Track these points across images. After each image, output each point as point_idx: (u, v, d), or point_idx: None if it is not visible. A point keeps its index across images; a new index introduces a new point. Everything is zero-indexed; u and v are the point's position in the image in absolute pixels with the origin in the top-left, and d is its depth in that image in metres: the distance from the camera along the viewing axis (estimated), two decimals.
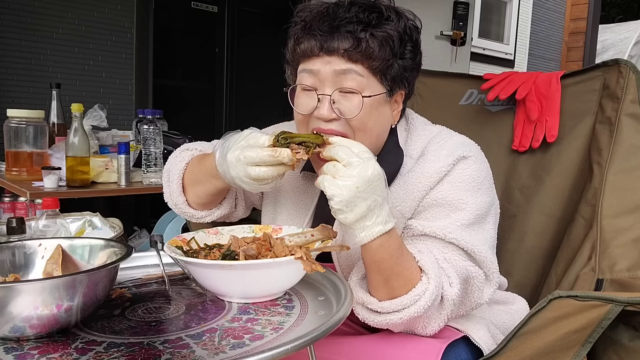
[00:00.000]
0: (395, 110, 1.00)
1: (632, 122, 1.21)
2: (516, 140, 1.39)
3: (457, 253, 0.93)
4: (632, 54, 6.50)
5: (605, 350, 0.94)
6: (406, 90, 0.99)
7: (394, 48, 0.92)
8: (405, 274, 0.86)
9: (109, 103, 2.92)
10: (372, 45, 0.90)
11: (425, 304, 0.86)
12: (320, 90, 0.92)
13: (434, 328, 0.92)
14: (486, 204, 0.96)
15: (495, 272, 0.96)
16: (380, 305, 0.88)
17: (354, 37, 0.89)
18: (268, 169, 0.84)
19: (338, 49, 0.90)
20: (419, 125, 1.05)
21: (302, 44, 0.93)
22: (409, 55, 0.95)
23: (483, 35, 5.67)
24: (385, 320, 0.89)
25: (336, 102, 0.91)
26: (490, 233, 0.97)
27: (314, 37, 0.91)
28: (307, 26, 0.93)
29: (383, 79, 0.93)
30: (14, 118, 1.95)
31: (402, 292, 0.86)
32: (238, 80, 3.96)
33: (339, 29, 0.90)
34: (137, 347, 0.66)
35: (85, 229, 1.58)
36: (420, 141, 1.01)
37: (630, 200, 1.17)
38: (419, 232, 0.94)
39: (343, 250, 0.88)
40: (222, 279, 0.81)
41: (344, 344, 0.95)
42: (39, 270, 0.81)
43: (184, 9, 3.65)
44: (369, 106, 0.92)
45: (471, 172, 0.95)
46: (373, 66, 0.91)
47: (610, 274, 1.13)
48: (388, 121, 0.99)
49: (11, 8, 2.71)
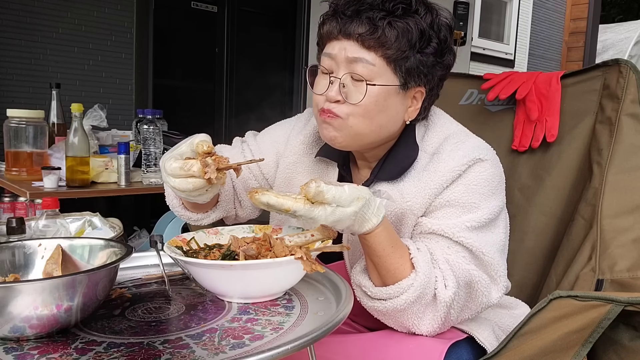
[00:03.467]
0: (412, 108, 0.99)
1: (632, 122, 1.21)
2: (516, 140, 1.38)
3: (462, 255, 0.93)
4: (632, 54, 6.50)
5: (606, 350, 0.94)
6: (426, 88, 0.98)
7: (412, 41, 0.92)
8: (395, 265, 0.88)
9: (108, 103, 2.91)
10: (387, 34, 0.90)
11: (407, 299, 0.88)
12: (334, 73, 0.94)
13: (429, 328, 0.92)
14: (498, 208, 0.97)
15: (503, 275, 0.96)
16: (372, 290, 0.92)
17: (372, 23, 0.91)
18: (182, 181, 0.81)
19: (354, 33, 0.91)
20: (438, 121, 1.04)
21: (325, 26, 0.96)
22: (431, 51, 0.95)
23: (483, 35, 5.68)
24: (373, 305, 0.92)
25: (346, 86, 0.93)
26: (501, 237, 0.98)
27: (335, 20, 0.94)
28: (334, 9, 0.95)
29: (397, 70, 0.93)
30: (13, 118, 1.94)
31: (390, 282, 0.89)
32: (238, 80, 3.95)
33: (360, 14, 0.91)
34: (137, 347, 0.66)
35: (85, 229, 1.58)
36: (437, 137, 1.01)
37: (630, 201, 1.17)
38: (428, 229, 0.95)
39: (343, 250, 0.88)
40: (222, 279, 0.81)
41: (346, 343, 0.96)
42: (39, 270, 0.81)
43: (184, 9, 3.65)
44: (376, 95, 0.92)
45: (487, 176, 0.96)
46: (387, 55, 0.92)
47: (611, 274, 1.13)
48: (399, 115, 0.98)
49: (11, 8, 2.70)
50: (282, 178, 1.12)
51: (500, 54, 5.89)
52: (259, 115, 4.54)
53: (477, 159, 0.95)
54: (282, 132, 1.17)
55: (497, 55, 5.85)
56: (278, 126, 1.20)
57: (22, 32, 2.75)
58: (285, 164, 1.12)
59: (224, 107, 3.93)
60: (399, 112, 0.97)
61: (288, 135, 1.15)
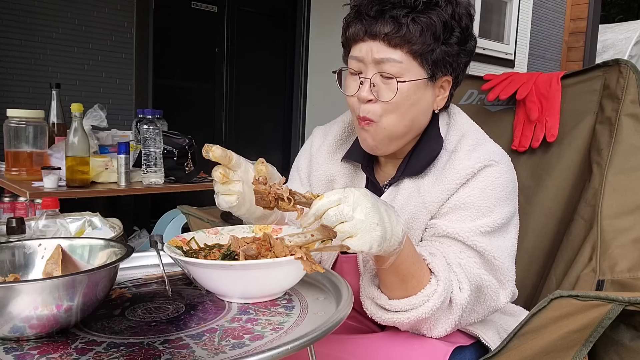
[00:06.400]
0: (440, 97, 1.01)
1: (632, 122, 1.20)
2: (516, 140, 1.38)
3: (474, 260, 0.93)
4: (632, 54, 6.50)
5: (606, 350, 0.94)
6: (452, 76, 0.99)
7: (436, 34, 0.93)
8: (418, 274, 0.87)
9: (108, 103, 2.92)
10: (412, 30, 0.91)
11: (433, 306, 0.86)
12: (363, 73, 0.96)
13: (441, 332, 0.92)
14: (511, 213, 0.97)
15: (512, 280, 0.96)
16: (389, 302, 0.89)
17: (396, 22, 0.91)
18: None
19: (379, 33, 0.92)
20: (459, 120, 1.05)
21: (350, 28, 0.97)
22: (455, 40, 0.96)
23: (483, 35, 5.67)
24: (392, 318, 0.89)
25: (376, 85, 0.94)
26: (512, 242, 0.98)
27: (360, 22, 0.95)
28: (357, 10, 0.96)
29: (424, 63, 0.94)
30: (13, 118, 1.94)
31: (414, 292, 0.87)
32: (238, 80, 3.95)
33: (384, 14, 0.92)
34: (137, 347, 0.66)
35: (85, 229, 1.58)
36: (456, 135, 1.02)
37: (630, 201, 1.17)
38: (441, 231, 0.95)
39: (343, 250, 0.88)
40: (222, 279, 0.80)
41: (350, 342, 0.96)
42: (39, 270, 0.81)
43: (184, 9, 3.65)
44: (407, 90, 0.94)
45: (503, 181, 0.96)
46: (413, 50, 0.92)
47: (611, 275, 1.13)
48: (429, 106, 0.99)
49: (11, 8, 2.70)
50: (322, 190, 1.13)
51: (500, 54, 5.89)
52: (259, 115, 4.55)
53: (492, 162, 0.96)
54: (302, 159, 1.18)
55: (497, 55, 5.84)
56: (296, 160, 1.21)
57: (22, 32, 2.75)
58: (317, 179, 1.12)
59: (224, 107, 3.93)
60: (429, 103, 0.99)
61: (309, 157, 1.16)
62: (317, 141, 1.16)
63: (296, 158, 1.22)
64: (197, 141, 2.16)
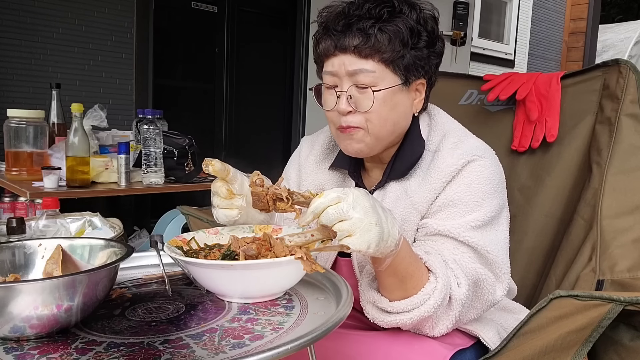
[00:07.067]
0: (417, 99, 1.02)
1: (632, 122, 1.21)
2: (516, 141, 1.38)
3: (468, 255, 0.93)
4: (632, 54, 6.49)
5: (606, 350, 0.94)
6: (425, 78, 1.01)
7: (404, 40, 0.94)
8: (417, 274, 0.87)
9: (109, 103, 2.92)
10: (380, 40, 0.93)
11: (434, 303, 0.86)
12: (339, 87, 0.98)
13: (442, 330, 0.92)
14: (500, 206, 0.98)
15: (507, 273, 0.96)
16: (390, 305, 0.89)
17: (364, 33, 0.93)
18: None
19: (349, 46, 0.94)
20: (440, 120, 1.07)
21: (320, 44, 0.99)
22: (423, 44, 0.97)
23: (483, 35, 5.68)
24: (395, 320, 0.90)
25: (353, 97, 0.96)
26: (504, 234, 0.99)
27: (329, 37, 0.97)
28: (325, 27, 0.98)
29: (396, 70, 0.96)
30: (14, 118, 1.94)
31: (414, 292, 0.88)
32: (238, 80, 3.95)
33: (351, 27, 0.94)
34: (137, 347, 0.66)
35: (85, 229, 1.58)
36: (438, 135, 1.04)
37: (630, 201, 1.17)
38: (433, 230, 0.95)
39: (343, 250, 0.88)
40: (222, 279, 0.81)
41: (351, 337, 0.96)
42: (39, 270, 0.81)
43: (184, 9, 3.65)
44: (383, 98, 0.95)
45: (488, 175, 0.97)
46: (384, 58, 0.94)
47: (611, 275, 1.13)
48: (407, 110, 1.01)
49: (11, 8, 2.70)
50: None
51: (500, 54, 5.89)
52: (259, 115, 4.54)
53: (475, 156, 0.97)
54: (291, 169, 1.20)
55: (497, 56, 5.85)
56: (285, 170, 1.23)
57: (22, 32, 2.75)
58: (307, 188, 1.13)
59: (224, 107, 3.93)
60: (407, 107, 1.01)
61: (298, 167, 1.18)
62: (305, 151, 1.18)
63: (285, 168, 1.23)
64: (197, 141, 2.16)
